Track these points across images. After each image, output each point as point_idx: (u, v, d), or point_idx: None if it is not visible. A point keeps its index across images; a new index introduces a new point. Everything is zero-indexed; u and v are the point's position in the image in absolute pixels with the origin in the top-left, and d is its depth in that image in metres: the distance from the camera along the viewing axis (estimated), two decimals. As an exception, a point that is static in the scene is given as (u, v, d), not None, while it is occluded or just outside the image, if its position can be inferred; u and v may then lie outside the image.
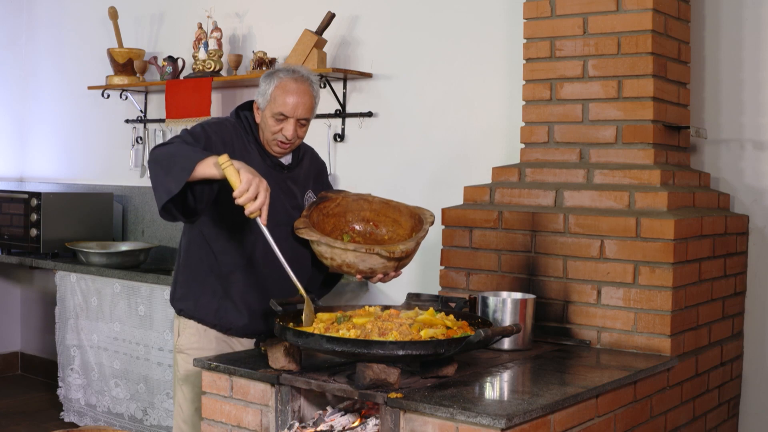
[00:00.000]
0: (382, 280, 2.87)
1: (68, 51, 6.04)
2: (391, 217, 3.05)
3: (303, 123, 2.89)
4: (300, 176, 3.04)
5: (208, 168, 2.56)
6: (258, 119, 2.93)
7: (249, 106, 3.01)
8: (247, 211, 2.53)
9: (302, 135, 2.92)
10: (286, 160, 3.00)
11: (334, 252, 2.78)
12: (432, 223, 2.97)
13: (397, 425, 2.32)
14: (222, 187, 2.71)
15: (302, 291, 2.66)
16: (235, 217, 2.79)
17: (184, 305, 2.98)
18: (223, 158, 2.53)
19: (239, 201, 2.51)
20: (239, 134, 2.93)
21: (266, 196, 2.53)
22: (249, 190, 2.50)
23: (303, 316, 2.61)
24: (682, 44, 3.47)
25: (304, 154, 3.09)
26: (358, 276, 2.82)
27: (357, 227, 3.04)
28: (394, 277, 2.89)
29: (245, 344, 2.98)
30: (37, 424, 5.09)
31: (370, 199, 3.07)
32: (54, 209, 5.23)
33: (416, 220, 3.00)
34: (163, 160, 2.63)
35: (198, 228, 2.93)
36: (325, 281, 3.15)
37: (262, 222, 2.54)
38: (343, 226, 3.02)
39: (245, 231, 2.90)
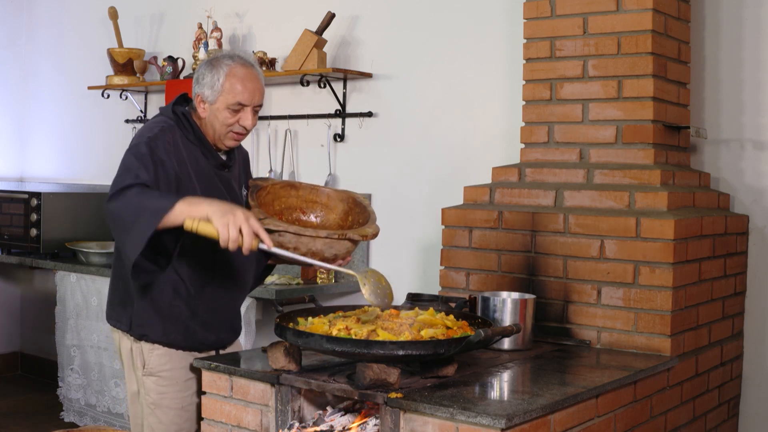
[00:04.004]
0: (339, 266, 2.72)
1: (68, 51, 6.04)
2: (320, 203, 2.94)
3: (257, 110, 2.72)
4: (236, 171, 2.88)
5: (174, 220, 2.42)
6: (203, 114, 2.71)
7: (183, 100, 2.80)
8: (244, 251, 2.39)
9: (255, 123, 2.75)
10: (224, 156, 2.81)
11: (300, 241, 2.62)
12: (369, 203, 2.90)
13: (397, 425, 2.32)
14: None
15: (353, 272, 2.52)
16: (192, 239, 2.62)
17: (147, 331, 2.75)
18: (188, 223, 2.38)
19: (230, 248, 2.37)
20: (181, 137, 2.70)
21: (250, 225, 2.37)
22: (231, 233, 2.35)
23: (370, 297, 2.48)
24: (682, 44, 3.47)
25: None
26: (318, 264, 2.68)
27: (284, 215, 2.90)
28: (348, 261, 2.75)
29: (210, 353, 2.88)
30: (37, 424, 5.09)
31: (297, 186, 2.95)
32: (54, 209, 5.23)
33: (349, 204, 2.92)
34: (121, 218, 2.48)
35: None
36: (259, 275, 3.01)
37: (268, 247, 2.40)
38: (271, 214, 2.83)
39: (205, 249, 2.69)
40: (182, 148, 2.68)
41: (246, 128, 2.71)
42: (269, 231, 2.61)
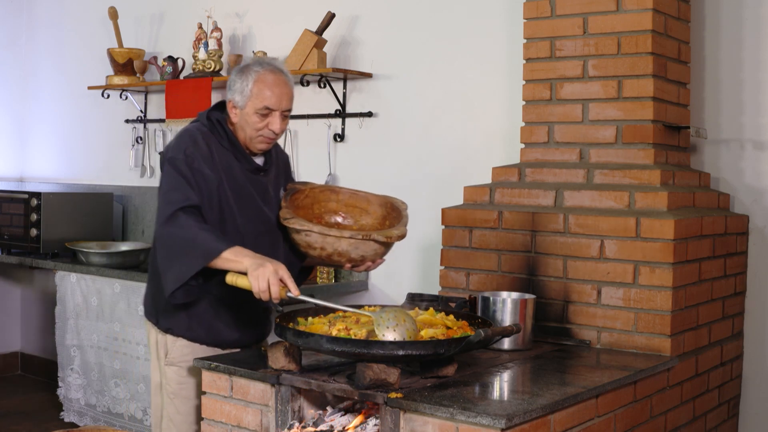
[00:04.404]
0: (369, 268, 2.82)
1: (68, 51, 6.04)
2: (359, 207, 2.99)
3: (286, 115, 2.81)
4: (272, 174, 2.95)
5: (218, 265, 2.60)
6: (235, 119, 2.81)
7: (220, 106, 2.89)
8: (273, 300, 2.54)
9: (285, 128, 2.84)
10: (260, 160, 2.91)
11: (326, 241, 2.71)
12: (406, 208, 2.95)
13: (397, 425, 2.32)
14: (220, 210, 2.77)
15: (370, 313, 2.58)
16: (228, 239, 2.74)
17: (172, 325, 2.88)
18: (229, 278, 2.58)
19: (263, 299, 2.53)
20: (215, 143, 2.81)
21: (277, 277, 2.51)
22: (260, 285, 2.51)
23: (384, 338, 2.44)
24: (682, 44, 3.47)
25: (271, 150, 2.96)
26: (347, 265, 2.77)
27: (325, 218, 2.97)
28: (380, 264, 2.84)
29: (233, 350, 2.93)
30: (37, 424, 5.09)
31: (337, 190, 3.02)
32: (54, 209, 5.23)
33: (387, 209, 2.97)
34: (170, 248, 2.65)
35: None
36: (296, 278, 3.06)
37: (294, 294, 2.53)
38: (310, 218, 2.93)
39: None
40: (216, 155, 2.79)
41: (275, 132, 2.80)
42: (295, 230, 2.74)
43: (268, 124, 2.78)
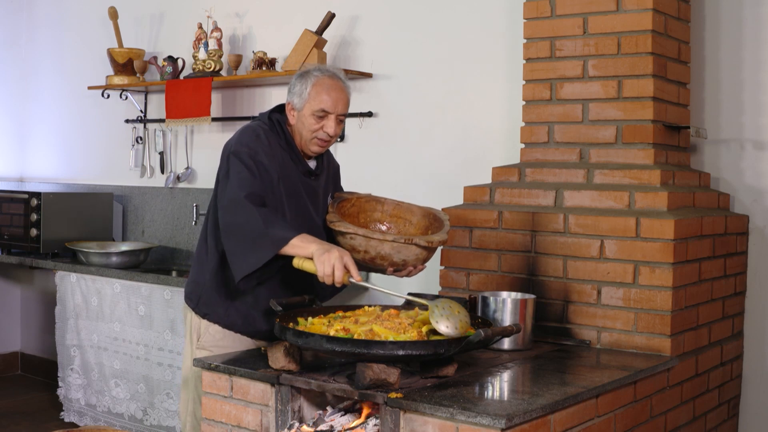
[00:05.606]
0: (410, 274, 2.89)
1: (68, 51, 6.04)
2: (403, 218, 3.10)
3: (341, 119, 2.91)
4: (323, 180, 3.05)
5: (287, 251, 2.67)
6: (293, 121, 2.92)
7: (280, 109, 3.00)
8: (336, 284, 2.61)
9: (339, 132, 2.94)
10: (312, 164, 3.00)
11: (369, 244, 2.80)
12: (448, 218, 3.05)
13: (397, 425, 2.32)
14: (276, 202, 2.85)
15: (423, 302, 2.63)
16: None
17: (210, 310, 2.97)
18: (296, 262, 2.65)
19: (326, 282, 2.61)
20: (274, 142, 2.91)
21: (342, 262, 2.58)
22: (325, 270, 2.58)
23: (437, 325, 2.45)
24: (682, 44, 3.48)
25: (324, 156, 3.08)
26: (390, 269, 2.85)
27: (370, 228, 3.08)
28: (420, 270, 2.91)
29: (263, 342, 2.98)
30: (37, 424, 5.09)
31: (382, 201, 3.12)
32: (54, 209, 5.23)
33: (430, 220, 3.06)
34: (240, 235, 2.71)
35: None
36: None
37: (356, 280, 2.59)
38: (357, 226, 3.02)
39: None
40: (279, 154, 2.89)
41: (329, 135, 2.90)
42: (340, 233, 2.84)
43: (323, 127, 2.88)
